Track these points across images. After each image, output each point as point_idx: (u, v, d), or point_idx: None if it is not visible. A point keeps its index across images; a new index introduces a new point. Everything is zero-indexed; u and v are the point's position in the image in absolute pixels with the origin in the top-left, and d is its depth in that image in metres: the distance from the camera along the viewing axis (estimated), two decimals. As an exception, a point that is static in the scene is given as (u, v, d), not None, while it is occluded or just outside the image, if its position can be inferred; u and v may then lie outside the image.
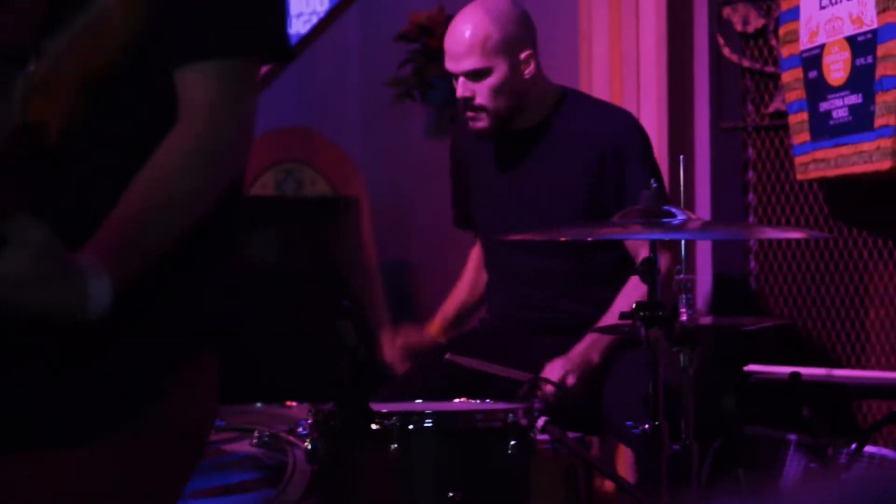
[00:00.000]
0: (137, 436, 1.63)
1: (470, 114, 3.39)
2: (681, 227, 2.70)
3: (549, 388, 3.14)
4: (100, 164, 1.63)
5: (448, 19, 4.49)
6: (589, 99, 3.62)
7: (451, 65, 3.39)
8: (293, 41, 5.97)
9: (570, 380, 3.21)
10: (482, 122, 3.38)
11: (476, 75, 3.34)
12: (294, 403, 3.24)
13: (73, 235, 1.53)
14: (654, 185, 2.74)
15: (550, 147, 3.41)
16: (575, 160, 3.37)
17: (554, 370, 3.22)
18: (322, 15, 5.63)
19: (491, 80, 3.34)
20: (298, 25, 7.68)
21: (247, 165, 1.76)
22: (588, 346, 3.27)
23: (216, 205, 1.65)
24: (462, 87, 3.36)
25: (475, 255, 3.70)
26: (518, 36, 3.36)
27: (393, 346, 3.55)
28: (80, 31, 1.41)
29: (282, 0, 1.74)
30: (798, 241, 3.98)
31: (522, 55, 3.36)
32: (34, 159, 1.43)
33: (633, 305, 2.63)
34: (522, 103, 3.39)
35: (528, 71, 3.37)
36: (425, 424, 2.64)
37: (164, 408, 1.66)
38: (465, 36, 3.34)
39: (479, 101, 3.35)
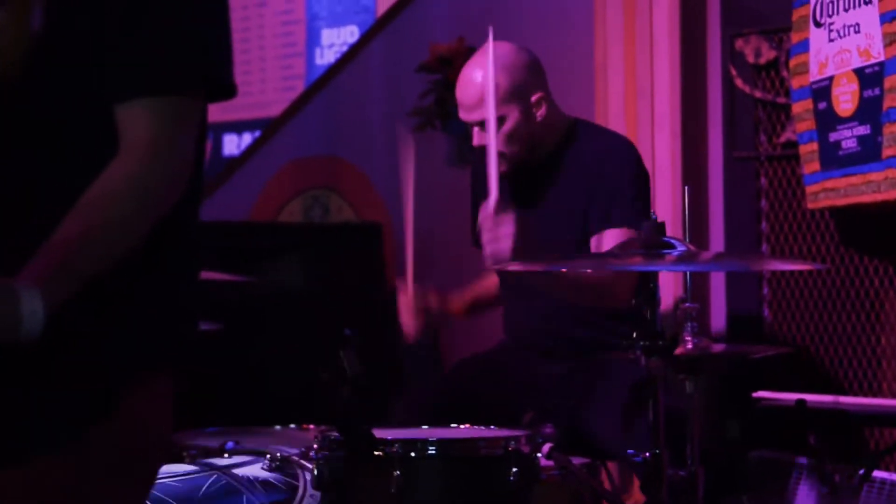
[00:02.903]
0: (75, 457, 1.65)
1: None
2: (686, 259, 2.72)
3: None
4: (19, 187, 1.68)
5: (468, 50, 4.54)
6: (593, 129, 3.58)
7: (464, 115, 3.40)
8: (322, 71, 6.05)
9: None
10: (501, 168, 3.40)
11: None
12: (312, 426, 3.28)
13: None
14: (654, 216, 2.78)
15: (555, 179, 3.44)
16: (572, 191, 3.39)
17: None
18: (349, 46, 5.68)
19: (504, 128, 3.33)
20: (329, 56, 7.76)
21: (197, 199, 1.81)
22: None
23: (160, 234, 1.70)
24: (477, 137, 3.37)
25: None
26: (526, 81, 3.37)
27: (411, 308, 3.43)
28: None
29: (226, 37, 1.78)
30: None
31: (533, 98, 3.37)
32: None
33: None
34: (536, 143, 3.40)
35: (540, 113, 3.38)
36: (428, 451, 2.65)
37: (105, 431, 1.67)
38: (474, 87, 3.34)
39: None
